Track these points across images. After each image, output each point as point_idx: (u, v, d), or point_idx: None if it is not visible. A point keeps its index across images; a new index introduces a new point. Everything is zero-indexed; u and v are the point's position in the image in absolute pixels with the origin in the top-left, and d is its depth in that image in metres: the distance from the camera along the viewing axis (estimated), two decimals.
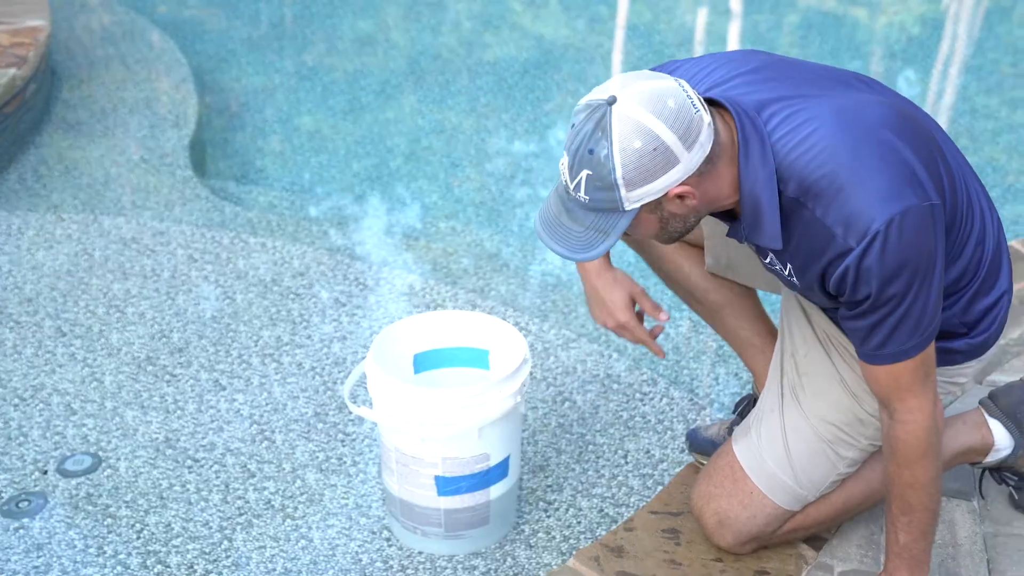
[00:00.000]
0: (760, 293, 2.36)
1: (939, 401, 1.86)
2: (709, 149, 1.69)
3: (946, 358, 1.99)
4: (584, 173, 1.68)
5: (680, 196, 1.71)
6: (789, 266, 1.84)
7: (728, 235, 1.90)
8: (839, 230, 1.71)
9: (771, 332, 2.32)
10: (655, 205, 1.72)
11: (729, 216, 1.87)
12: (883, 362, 1.81)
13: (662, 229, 1.78)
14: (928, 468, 1.86)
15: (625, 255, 3.47)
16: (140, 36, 5.34)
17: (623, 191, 1.68)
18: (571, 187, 1.71)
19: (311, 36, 5.84)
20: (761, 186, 1.75)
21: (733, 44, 5.81)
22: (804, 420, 2.05)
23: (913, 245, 1.70)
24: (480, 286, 3.37)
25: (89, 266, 3.36)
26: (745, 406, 2.42)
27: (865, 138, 1.73)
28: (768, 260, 1.88)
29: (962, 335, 1.97)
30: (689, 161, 1.68)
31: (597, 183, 1.68)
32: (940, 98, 5.09)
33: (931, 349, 1.82)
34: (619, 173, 1.66)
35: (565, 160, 1.71)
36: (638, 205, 1.70)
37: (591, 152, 1.66)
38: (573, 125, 1.70)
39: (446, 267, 3.49)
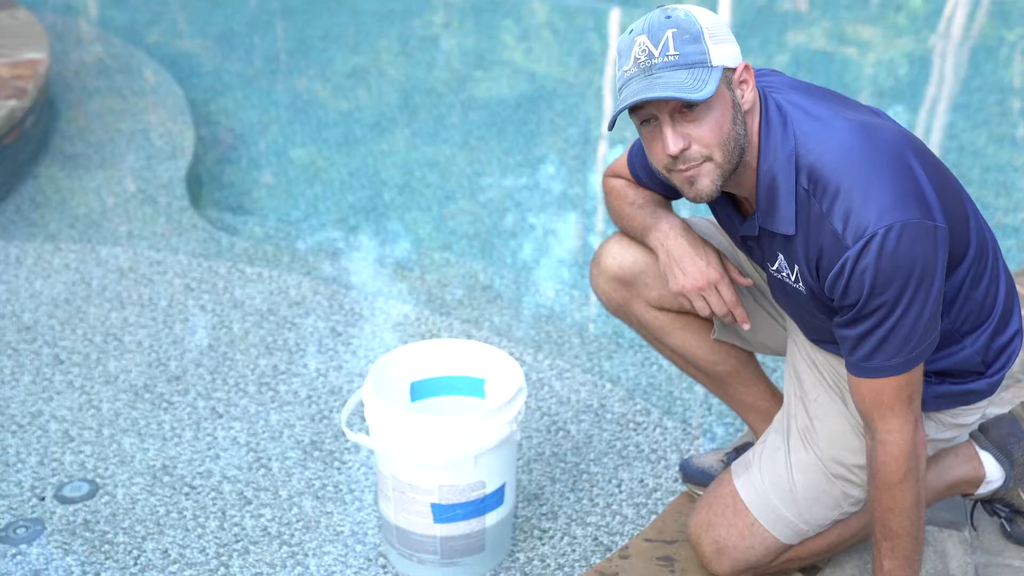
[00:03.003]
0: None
1: (921, 428, 1.88)
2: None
3: (964, 399, 2.01)
4: (669, 32, 1.74)
5: (745, 81, 1.79)
6: (796, 268, 1.87)
7: (742, 234, 1.93)
8: (839, 227, 1.75)
9: (775, 394, 2.35)
10: (728, 81, 1.78)
11: (742, 215, 1.92)
12: (868, 375, 1.84)
13: (731, 122, 1.78)
14: (908, 493, 1.88)
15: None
16: (137, 69, 5.39)
17: (708, 42, 1.75)
18: (658, 52, 1.75)
19: (306, 69, 5.89)
20: (779, 165, 1.80)
21: None
22: (813, 459, 2.06)
23: (908, 258, 1.73)
24: (474, 317, 3.40)
25: (86, 295, 3.38)
26: (745, 450, 2.43)
27: (882, 150, 1.78)
28: (776, 266, 1.92)
29: (980, 374, 1.99)
30: (739, 53, 1.79)
31: (685, 36, 1.74)
32: (928, 136, 5.15)
33: (918, 372, 1.84)
34: (703, 24, 1.75)
35: (640, 39, 1.76)
36: (721, 65, 1.75)
37: (668, 17, 1.75)
38: (631, 30, 1.78)
39: (440, 298, 3.52)
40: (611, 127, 1.80)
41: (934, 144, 5.00)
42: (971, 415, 2.07)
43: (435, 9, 7.19)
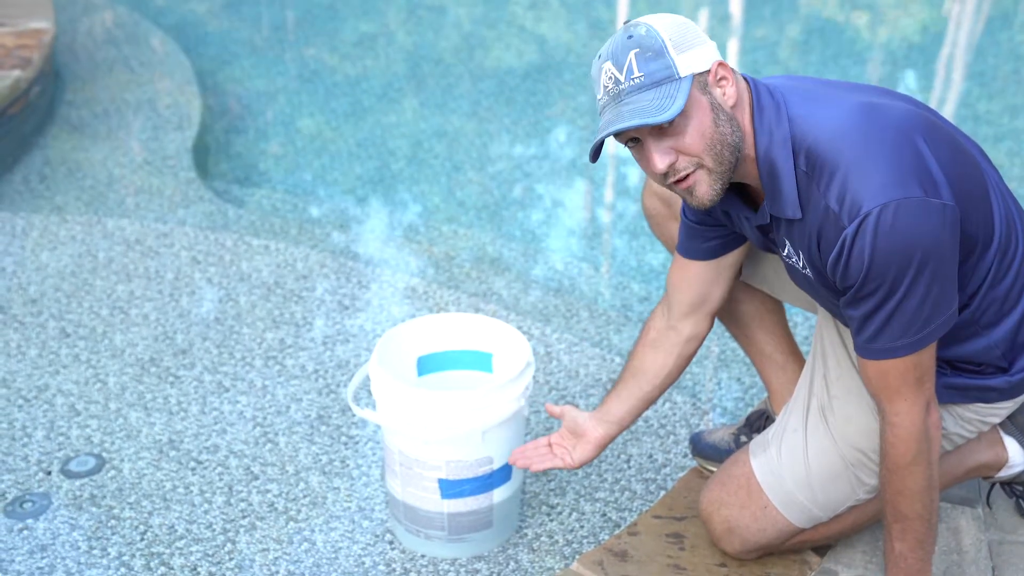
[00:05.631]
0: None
1: (934, 411, 1.84)
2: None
3: (980, 395, 1.96)
4: (632, 54, 1.71)
5: (723, 78, 1.74)
6: (801, 254, 1.84)
7: (756, 224, 1.90)
8: (836, 207, 1.71)
9: (793, 351, 2.32)
10: (703, 84, 1.73)
11: (753, 204, 1.89)
12: (872, 356, 1.80)
13: (714, 124, 1.74)
14: (917, 476, 1.85)
15: (642, 252, 3.48)
16: (143, 38, 5.35)
17: (673, 54, 1.71)
18: (623, 77, 1.73)
19: (313, 39, 5.85)
20: (776, 148, 1.76)
21: (734, 50, 5.82)
22: (830, 442, 2.04)
23: (908, 236, 1.67)
24: (482, 289, 3.38)
25: (93, 267, 3.36)
26: (756, 419, 2.41)
27: (883, 128, 1.73)
28: (786, 252, 1.88)
29: (1003, 370, 1.93)
30: (714, 50, 1.75)
31: (647, 54, 1.71)
32: (942, 104, 5.10)
33: (925, 355, 1.79)
34: (665, 36, 1.71)
35: (607, 66, 1.74)
36: (690, 73, 1.71)
37: (630, 37, 1.72)
38: (599, 55, 1.76)
39: (448, 270, 3.50)
40: (594, 159, 1.78)
41: (947, 113, 4.95)
42: (994, 414, 2.02)
43: None
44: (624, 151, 4.58)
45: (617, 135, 1.77)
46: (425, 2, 6.57)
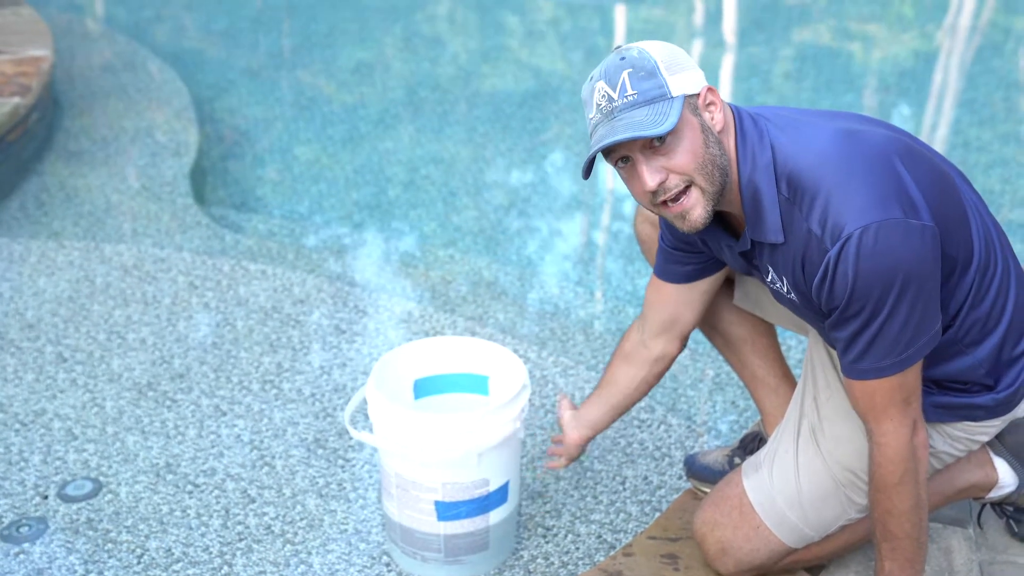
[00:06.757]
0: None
1: (921, 431, 1.86)
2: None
3: (967, 414, 1.98)
4: (625, 73, 1.75)
5: (712, 103, 1.78)
6: (785, 280, 1.86)
7: (738, 251, 1.92)
8: (818, 230, 1.74)
9: (786, 374, 2.35)
10: (694, 107, 1.77)
11: (733, 232, 1.91)
12: (858, 376, 1.82)
13: (704, 145, 1.77)
14: (905, 496, 1.86)
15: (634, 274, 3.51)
16: (141, 66, 5.39)
17: (665, 75, 1.74)
18: (616, 95, 1.75)
19: (310, 66, 5.89)
20: (759, 174, 1.79)
21: (728, 76, 5.86)
22: (821, 463, 2.05)
23: (890, 256, 1.70)
24: (479, 314, 3.39)
25: (90, 292, 3.38)
26: (750, 441, 2.43)
27: (863, 153, 1.76)
28: (770, 278, 1.90)
29: (988, 388, 1.95)
30: (702, 76, 1.79)
31: (640, 73, 1.74)
32: (934, 131, 5.14)
33: (911, 375, 1.82)
34: (657, 58, 1.75)
35: (599, 85, 1.77)
36: (681, 94, 1.75)
37: (623, 59, 1.76)
38: (591, 77, 1.80)
39: (445, 295, 3.52)
40: (586, 175, 1.81)
41: (938, 140, 4.99)
42: (983, 432, 2.03)
43: (439, 4, 7.19)
44: (619, 180, 4.60)
45: (608, 153, 1.79)
46: (421, 30, 6.62)
